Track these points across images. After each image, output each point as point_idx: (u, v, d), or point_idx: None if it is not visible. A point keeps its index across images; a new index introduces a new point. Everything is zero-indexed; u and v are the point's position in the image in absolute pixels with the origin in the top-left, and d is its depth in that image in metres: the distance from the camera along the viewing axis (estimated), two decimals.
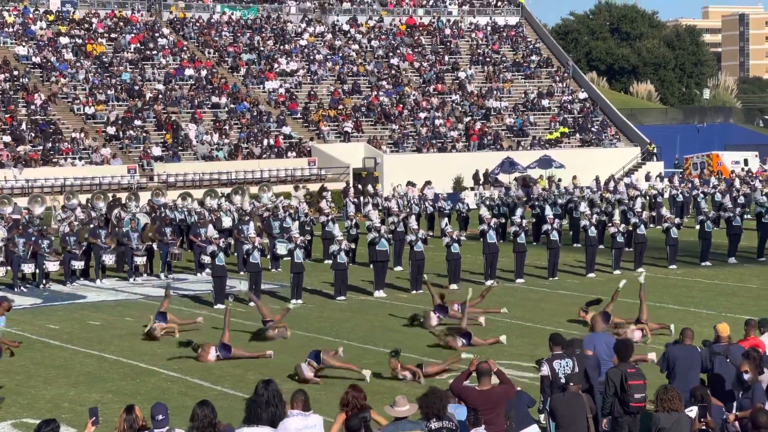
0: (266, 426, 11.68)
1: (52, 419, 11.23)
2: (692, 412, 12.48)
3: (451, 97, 70.67)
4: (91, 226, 35.24)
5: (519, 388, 14.34)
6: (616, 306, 24.00)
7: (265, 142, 60.30)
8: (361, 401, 12.23)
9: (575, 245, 39.82)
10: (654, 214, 43.73)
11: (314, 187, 52.80)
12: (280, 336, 23.60)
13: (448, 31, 77.99)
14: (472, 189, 56.70)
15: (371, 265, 31.51)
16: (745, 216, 39.91)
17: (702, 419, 12.49)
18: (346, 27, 75.69)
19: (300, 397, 12.13)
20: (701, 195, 46.02)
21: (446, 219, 35.06)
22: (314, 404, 12.57)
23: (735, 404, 14.50)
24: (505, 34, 79.56)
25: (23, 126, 56.01)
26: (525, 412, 14.07)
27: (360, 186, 54.65)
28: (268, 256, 34.90)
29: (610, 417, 14.23)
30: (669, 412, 12.25)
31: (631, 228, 35.40)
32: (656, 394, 12.55)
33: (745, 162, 68.75)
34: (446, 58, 75.12)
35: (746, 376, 14.14)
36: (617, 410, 14.11)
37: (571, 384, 13.80)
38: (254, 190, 50.29)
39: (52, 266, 32.89)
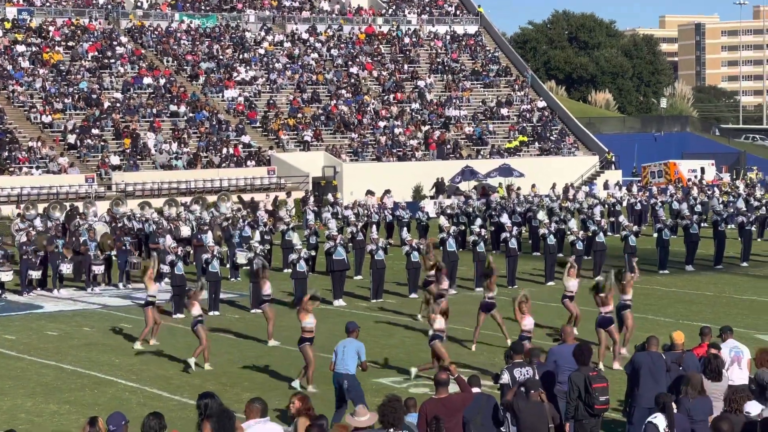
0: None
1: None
2: (657, 419, 12.51)
3: (410, 106, 70.74)
4: (48, 234, 34.94)
5: (487, 393, 14.34)
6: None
7: (225, 151, 60.08)
8: (309, 407, 12.33)
9: (535, 254, 39.96)
10: (612, 221, 43.99)
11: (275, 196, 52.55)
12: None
13: (407, 40, 78.11)
14: (432, 198, 56.73)
15: (330, 275, 31.47)
16: (702, 224, 40.27)
17: (667, 428, 12.48)
18: (305, 36, 75.60)
19: (258, 406, 11.97)
20: (659, 203, 46.33)
21: (405, 228, 35.07)
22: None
23: None
24: (464, 43, 79.79)
25: None
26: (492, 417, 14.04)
27: (319, 194, 54.53)
28: (228, 265, 34.78)
29: (573, 420, 14.34)
30: None
31: (590, 235, 35.60)
32: None
33: (702, 170, 69.32)
34: (405, 66, 75.21)
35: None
36: (581, 413, 14.23)
37: (532, 391, 13.74)
38: (213, 199, 49.95)
39: (5, 276, 32.50)
